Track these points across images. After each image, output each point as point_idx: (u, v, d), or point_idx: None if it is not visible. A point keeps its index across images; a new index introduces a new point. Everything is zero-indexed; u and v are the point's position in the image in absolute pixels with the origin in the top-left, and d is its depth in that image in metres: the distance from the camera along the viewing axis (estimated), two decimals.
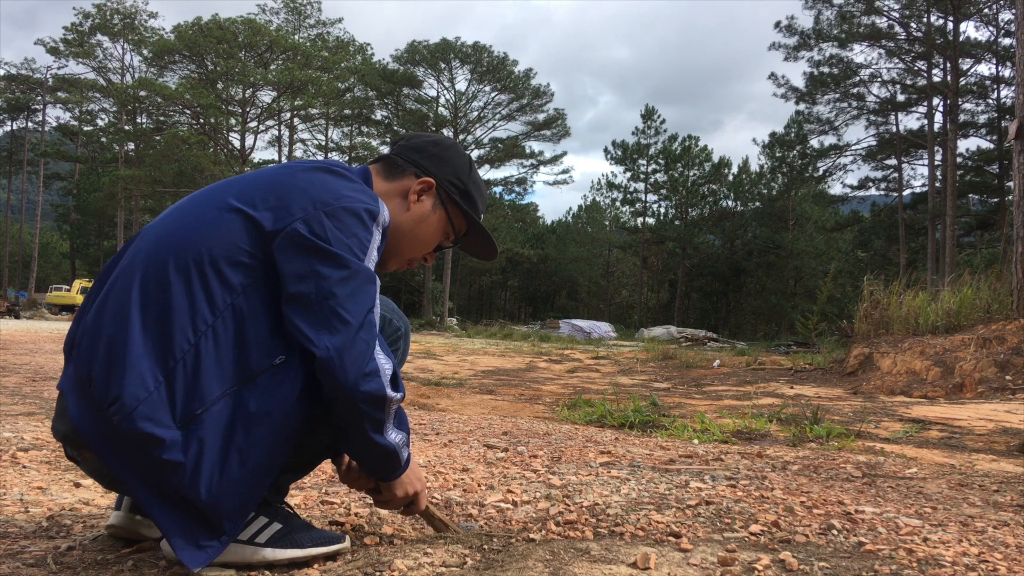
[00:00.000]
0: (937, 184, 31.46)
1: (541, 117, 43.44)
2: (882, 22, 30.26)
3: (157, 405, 1.14)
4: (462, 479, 2.13)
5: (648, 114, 48.09)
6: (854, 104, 33.97)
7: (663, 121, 47.80)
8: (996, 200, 32.86)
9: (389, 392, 1.21)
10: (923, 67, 31.81)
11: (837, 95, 33.54)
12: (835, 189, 46.37)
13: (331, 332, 1.17)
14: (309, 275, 1.19)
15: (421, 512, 1.49)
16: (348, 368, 1.17)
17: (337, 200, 1.25)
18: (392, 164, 1.46)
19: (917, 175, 37.64)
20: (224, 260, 1.20)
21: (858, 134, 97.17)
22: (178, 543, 1.17)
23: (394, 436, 1.28)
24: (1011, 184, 12.10)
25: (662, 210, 50.22)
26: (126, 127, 43.53)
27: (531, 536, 1.48)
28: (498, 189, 45.97)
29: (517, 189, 46.39)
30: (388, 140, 45.05)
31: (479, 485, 2.03)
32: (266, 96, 40.98)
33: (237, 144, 41.22)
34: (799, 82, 33.64)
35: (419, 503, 1.45)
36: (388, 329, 1.48)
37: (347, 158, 45.94)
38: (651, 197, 49.45)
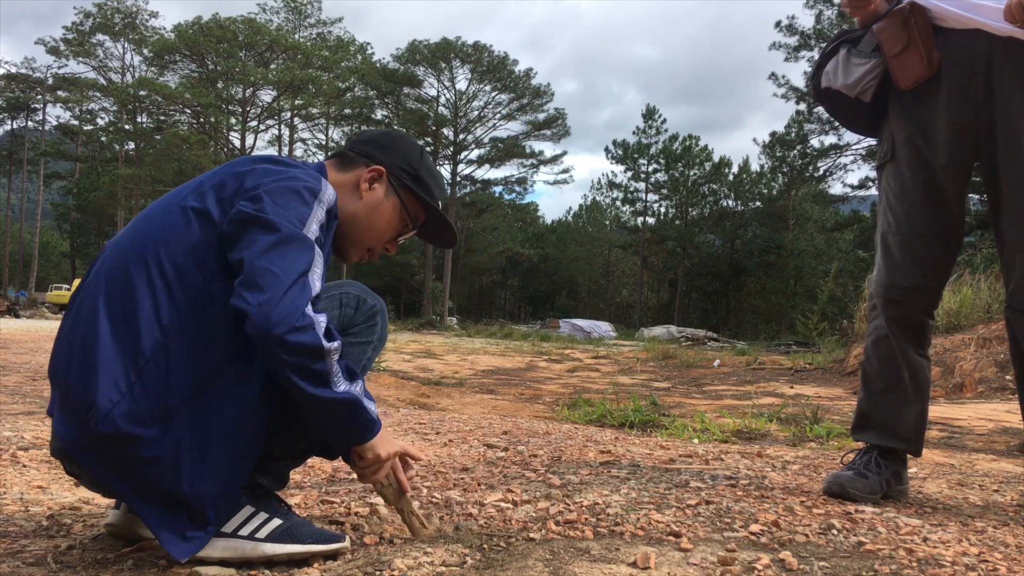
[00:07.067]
0: None
1: (541, 117, 43.47)
2: None
3: (132, 405, 1.17)
4: (462, 478, 2.13)
5: (649, 113, 48.17)
6: None
7: (664, 121, 47.91)
8: None
9: (325, 343, 1.19)
10: None
11: None
12: (835, 189, 46.33)
13: (261, 290, 1.16)
14: (247, 243, 1.21)
15: (400, 509, 1.49)
16: (277, 322, 1.14)
17: (278, 181, 1.29)
18: (344, 157, 1.50)
19: None
20: (183, 257, 1.24)
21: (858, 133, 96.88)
22: (165, 537, 1.20)
23: (348, 386, 1.24)
24: None
25: (662, 210, 50.32)
26: (126, 127, 43.52)
27: (531, 535, 1.48)
28: (498, 189, 46.01)
29: (517, 189, 46.49)
30: None
31: (479, 484, 2.03)
32: (266, 96, 40.99)
33: (237, 144, 41.22)
34: (799, 82, 33.60)
35: (408, 453, 1.44)
36: (363, 308, 1.46)
37: None
38: (651, 197, 49.51)
